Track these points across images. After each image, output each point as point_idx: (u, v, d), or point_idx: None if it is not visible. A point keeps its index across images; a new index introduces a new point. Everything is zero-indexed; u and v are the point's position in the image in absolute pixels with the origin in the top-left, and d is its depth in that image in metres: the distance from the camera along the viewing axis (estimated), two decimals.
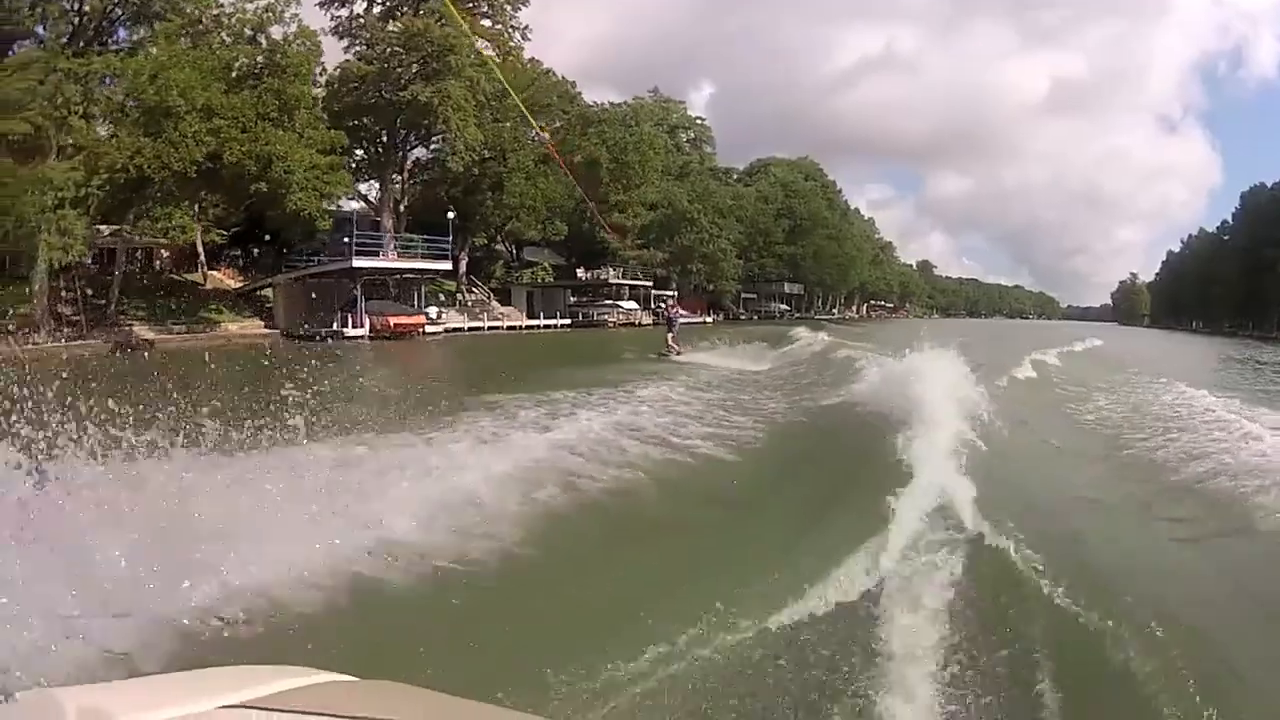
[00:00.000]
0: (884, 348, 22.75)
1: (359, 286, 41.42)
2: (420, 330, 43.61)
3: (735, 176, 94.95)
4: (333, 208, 42.14)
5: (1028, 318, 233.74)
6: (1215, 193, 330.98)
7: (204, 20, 37.83)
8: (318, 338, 38.41)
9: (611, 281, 65.57)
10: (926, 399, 11.65)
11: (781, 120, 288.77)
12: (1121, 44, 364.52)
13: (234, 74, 36.74)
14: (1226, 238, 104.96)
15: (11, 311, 34.45)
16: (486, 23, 52.35)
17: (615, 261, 65.99)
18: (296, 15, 38.54)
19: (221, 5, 38.48)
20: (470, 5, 50.64)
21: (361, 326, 40.47)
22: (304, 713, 1.28)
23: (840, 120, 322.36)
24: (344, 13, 49.54)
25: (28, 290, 34.69)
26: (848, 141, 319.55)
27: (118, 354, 33.08)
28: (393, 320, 42.03)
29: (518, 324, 54.89)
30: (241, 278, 48.85)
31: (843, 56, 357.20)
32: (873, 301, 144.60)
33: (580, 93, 61.22)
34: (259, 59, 37.19)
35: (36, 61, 33.36)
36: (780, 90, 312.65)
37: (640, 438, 10.75)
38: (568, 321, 58.85)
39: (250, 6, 38.51)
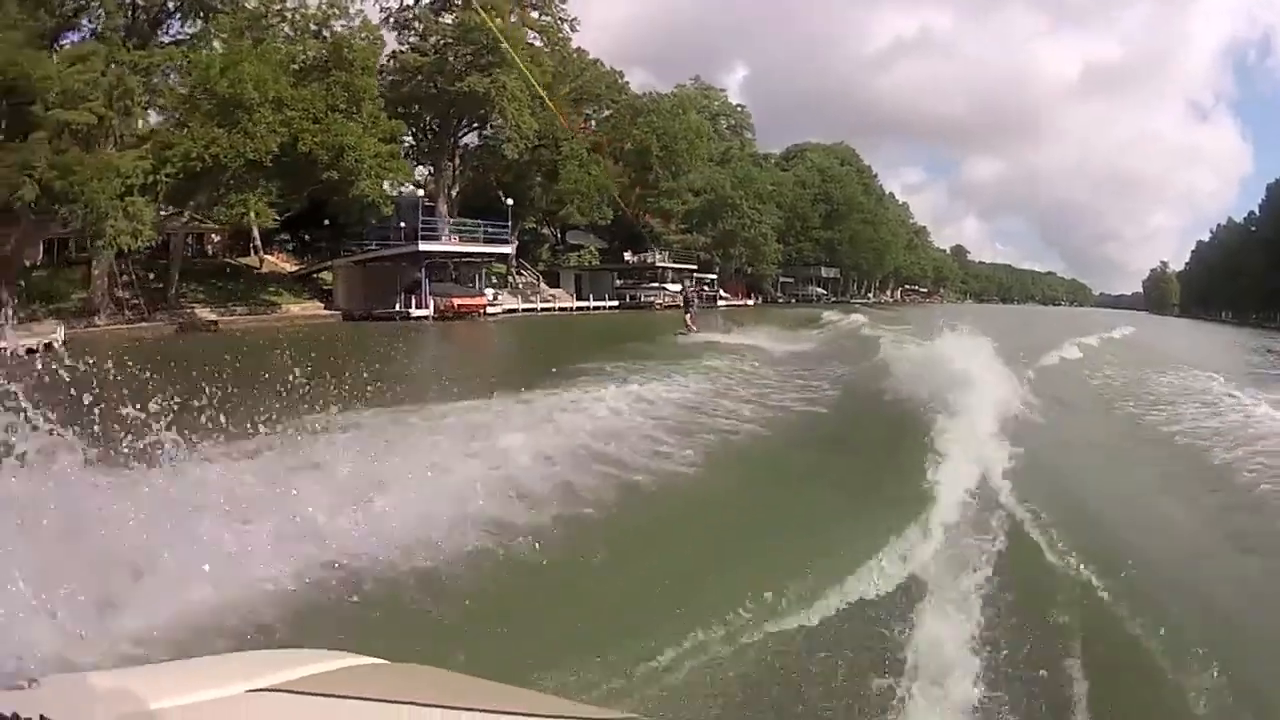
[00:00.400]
0: (919, 332, 22.87)
1: (423, 269, 43.03)
2: (482, 311, 45.23)
3: (773, 161, 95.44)
4: (394, 194, 43.83)
5: (1059, 304, 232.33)
6: (1247, 180, 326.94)
7: (267, 15, 39.46)
8: (383, 318, 40.21)
9: (658, 265, 67.06)
10: (963, 383, 11.62)
11: (814, 103, 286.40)
12: (1155, 29, 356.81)
13: (297, 67, 38.00)
14: (1253, 229, 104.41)
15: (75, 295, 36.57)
16: (535, 14, 53.66)
17: (660, 245, 67.43)
18: (360, 10, 40.08)
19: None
20: None
21: (426, 307, 42.14)
22: (333, 696, 1.30)
23: (874, 103, 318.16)
24: (394, 3, 51.12)
25: (84, 275, 36.62)
26: (881, 124, 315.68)
27: (182, 335, 35.49)
28: (456, 301, 43.86)
29: (568, 305, 56.49)
30: (294, 261, 50.26)
31: (877, 38, 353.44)
32: (907, 286, 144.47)
33: (628, 82, 62.67)
34: (324, 53, 38.60)
35: (95, 54, 34.38)
36: (813, 73, 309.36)
37: (682, 417, 11.08)
38: (615, 303, 60.06)
39: (312, 2, 40.20)
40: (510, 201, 47.58)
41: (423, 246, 42.57)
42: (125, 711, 1.21)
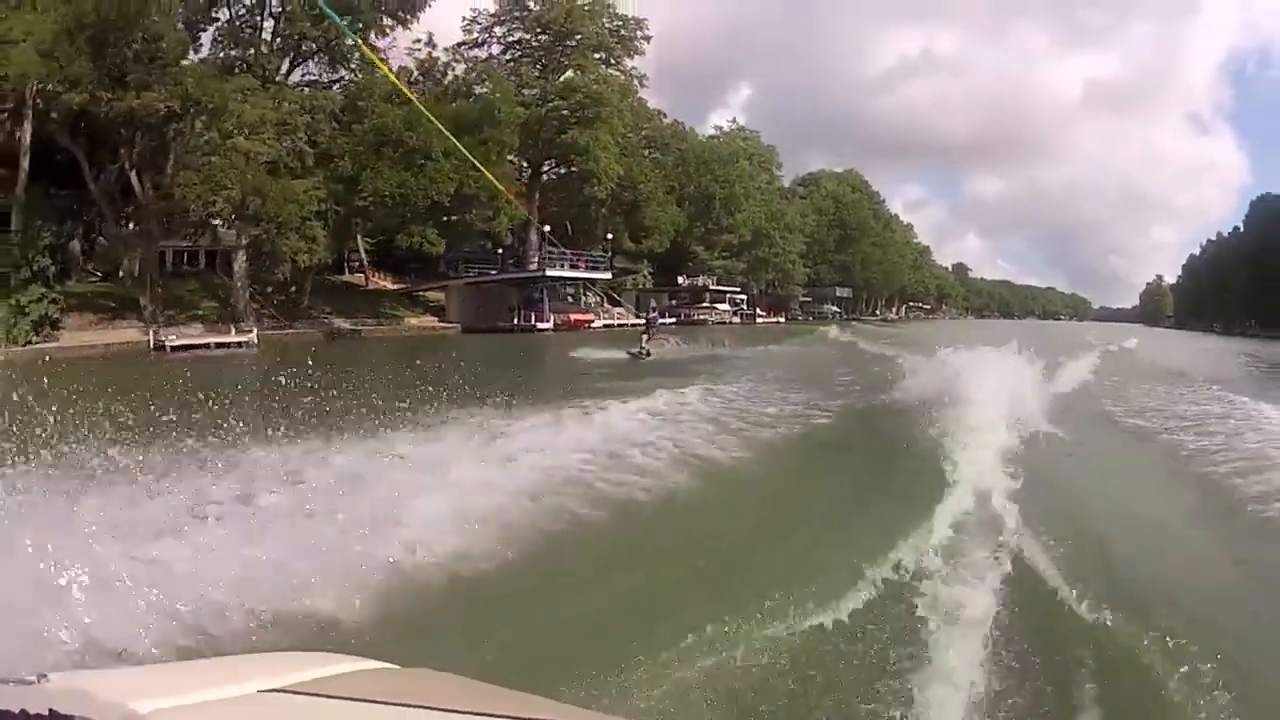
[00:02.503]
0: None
1: (544, 290, 53.66)
2: (589, 324, 55.91)
3: (798, 195, 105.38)
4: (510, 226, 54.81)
5: (1060, 319, 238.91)
6: (1249, 190, 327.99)
7: (419, 76, 50.17)
8: (504, 330, 49.74)
9: (711, 288, 78.77)
10: (967, 398, 11.92)
11: (820, 122, 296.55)
12: (1159, 43, 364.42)
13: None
14: (1237, 244, 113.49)
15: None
16: (611, 71, 65.05)
17: (705, 270, 79.42)
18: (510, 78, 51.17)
19: (436, 59, 51.15)
20: (598, 58, 63.56)
21: (546, 321, 52.39)
22: (344, 698, 1.33)
23: (879, 122, 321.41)
24: (480, 54, 61.38)
25: (202, 285, 43.77)
26: (886, 142, 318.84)
27: (332, 340, 42.24)
28: (572, 317, 54.54)
29: (636, 322, 67.13)
30: (393, 280, 58.48)
31: (882, 58, 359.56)
32: (911, 303, 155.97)
33: (692, 129, 74.79)
34: (476, 114, 48.41)
35: (254, 89, 41.32)
36: (819, 93, 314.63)
37: (701, 426, 11.85)
38: (673, 320, 69.05)
39: (460, 67, 51.42)
40: (610, 236, 58.94)
41: (549, 272, 53.54)
42: (134, 709, 1.22)
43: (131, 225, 43.45)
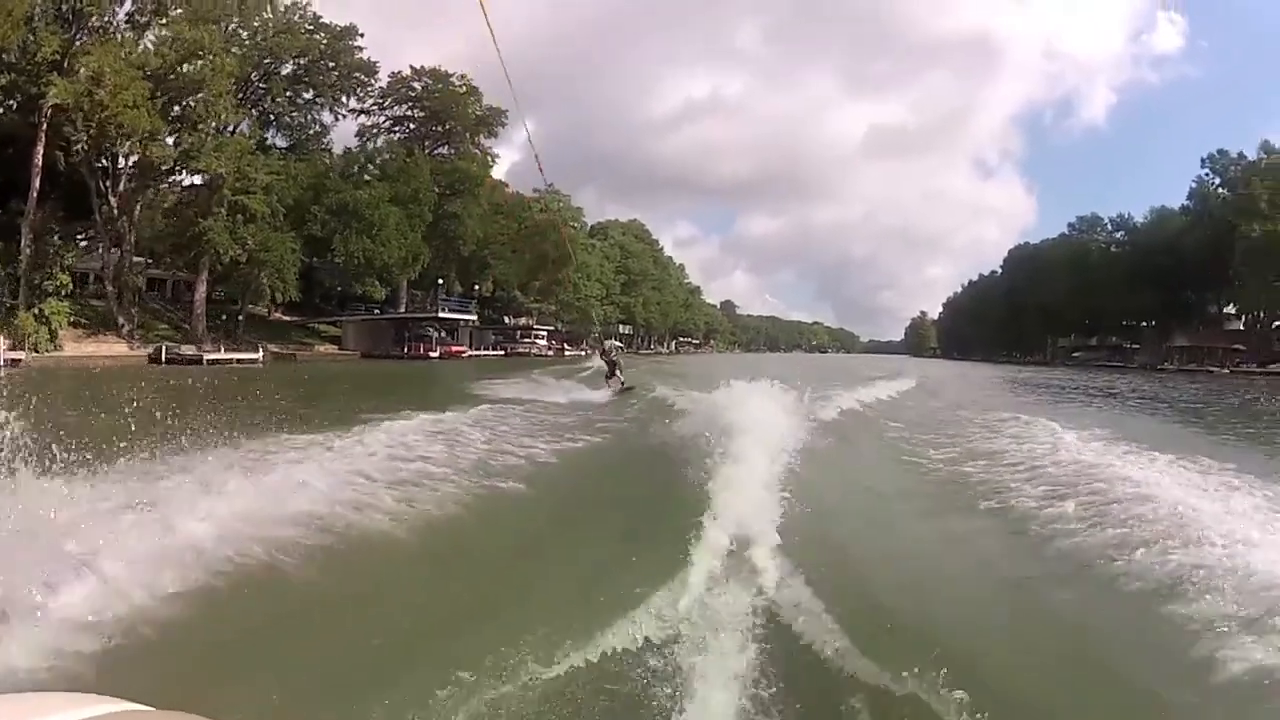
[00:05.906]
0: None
1: (435, 327, 78.67)
2: (462, 354, 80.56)
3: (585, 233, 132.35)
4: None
5: (825, 352, 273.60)
6: (1028, 231, 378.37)
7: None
8: (397, 357, 72.18)
9: (534, 327, 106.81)
10: (736, 431, 12.51)
11: (595, 159, 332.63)
12: (944, 94, 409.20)
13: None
14: (994, 285, 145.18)
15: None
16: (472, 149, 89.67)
17: (523, 310, 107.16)
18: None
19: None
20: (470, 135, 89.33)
21: (435, 351, 76.17)
22: None
23: (654, 161, 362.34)
24: (367, 120, 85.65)
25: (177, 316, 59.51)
26: (660, 180, 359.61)
27: (278, 361, 58.06)
28: (453, 348, 79.30)
29: (476, 353, 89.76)
30: (282, 313, 77.61)
31: (664, 99, 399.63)
32: (681, 339, 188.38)
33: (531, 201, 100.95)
34: (410, 193, 72.45)
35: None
36: (596, 130, 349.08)
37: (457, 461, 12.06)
38: (501, 352, 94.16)
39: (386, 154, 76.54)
40: (477, 286, 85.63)
41: (441, 314, 78.82)
42: None
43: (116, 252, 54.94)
